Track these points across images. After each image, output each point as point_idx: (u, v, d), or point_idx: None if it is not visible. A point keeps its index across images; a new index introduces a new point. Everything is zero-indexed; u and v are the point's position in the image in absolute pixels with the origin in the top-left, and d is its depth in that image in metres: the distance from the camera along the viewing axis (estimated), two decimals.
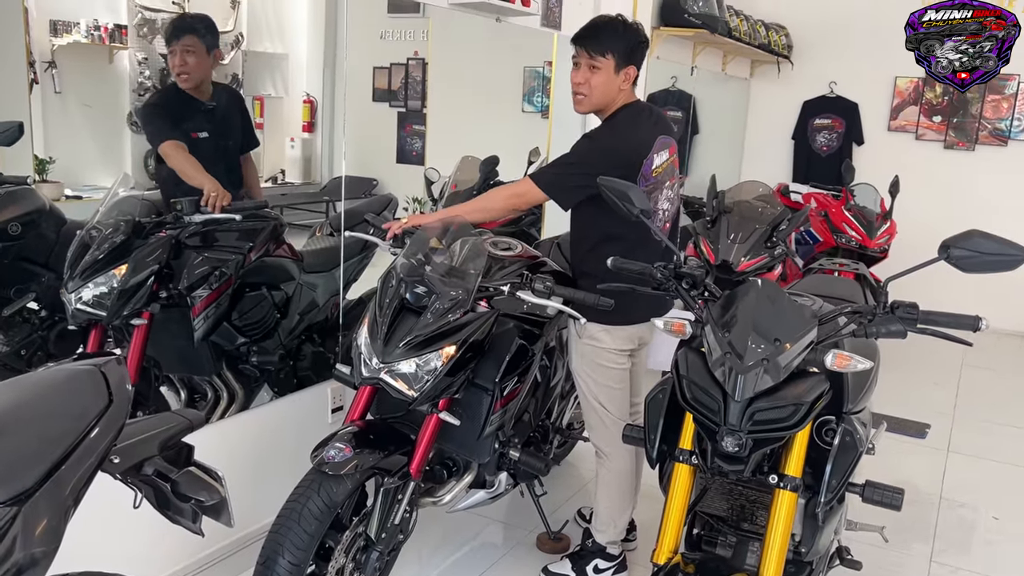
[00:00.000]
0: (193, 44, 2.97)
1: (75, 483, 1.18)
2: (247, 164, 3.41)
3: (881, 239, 5.41)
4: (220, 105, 3.13)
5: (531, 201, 2.77)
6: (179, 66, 2.97)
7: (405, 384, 2.25)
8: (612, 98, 2.70)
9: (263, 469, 2.91)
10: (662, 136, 2.73)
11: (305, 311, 3.29)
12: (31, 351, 2.63)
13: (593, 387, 2.79)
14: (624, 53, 2.64)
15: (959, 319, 1.91)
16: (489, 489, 2.73)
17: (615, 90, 2.68)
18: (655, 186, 2.69)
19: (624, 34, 2.67)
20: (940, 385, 5.35)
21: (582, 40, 2.67)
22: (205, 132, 3.04)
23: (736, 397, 1.79)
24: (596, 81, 2.66)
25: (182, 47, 2.96)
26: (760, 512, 2.19)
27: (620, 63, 2.65)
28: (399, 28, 5.64)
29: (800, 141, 7.27)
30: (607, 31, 2.67)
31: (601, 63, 2.64)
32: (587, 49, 2.65)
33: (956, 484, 3.90)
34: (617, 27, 2.68)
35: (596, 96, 2.69)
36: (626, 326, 2.71)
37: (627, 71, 2.67)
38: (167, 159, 2.89)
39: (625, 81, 2.68)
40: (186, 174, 2.85)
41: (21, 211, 2.58)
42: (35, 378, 1.32)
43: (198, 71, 3.00)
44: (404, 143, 5.81)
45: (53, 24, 3.72)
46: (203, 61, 3.00)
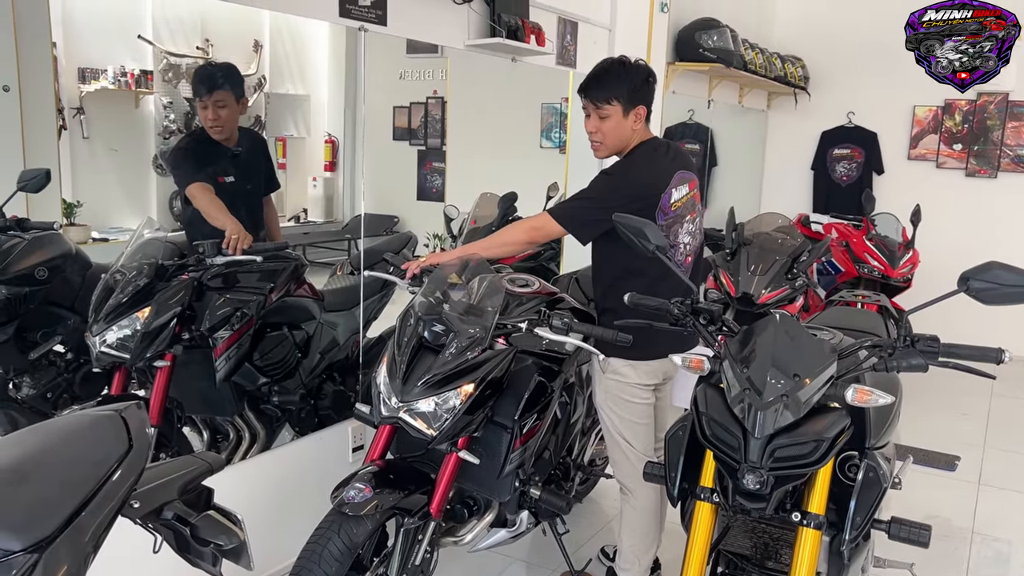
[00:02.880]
0: (224, 98, 3.07)
1: (95, 529, 1.19)
2: (268, 206, 3.47)
3: (904, 268, 5.36)
4: (245, 149, 3.21)
5: (549, 234, 2.77)
6: (212, 120, 3.07)
7: (424, 423, 2.25)
8: (627, 140, 2.72)
9: (284, 510, 2.91)
10: (681, 171, 2.75)
11: (326, 350, 3.31)
12: (57, 394, 2.67)
13: (617, 423, 2.77)
14: (629, 96, 2.65)
15: (981, 352, 1.88)
16: (510, 528, 2.71)
17: (628, 132, 2.71)
18: (674, 220, 2.69)
19: (627, 76, 2.67)
20: (969, 416, 5.26)
21: (587, 91, 2.70)
22: (231, 176, 3.12)
23: (756, 434, 1.77)
24: (607, 128, 2.69)
25: (214, 102, 3.06)
26: (784, 550, 2.16)
27: (627, 106, 2.66)
28: (418, 68, 5.74)
29: (819, 171, 7.25)
30: (609, 77, 2.67)
31: (608, 110, 2.66)
32: (592, 99, 2.68)
33: (989, 518, 3.82)
34: (619, 71, 2.68)
35: (610, 141, 2.72)
36: (650, 361, 2.70)
37: (637, 111, 2.69)
38: (193, 200, 2.96)
39: (636, 121, 2.70)
40: (211, 215, 2.90)
41: (48, 256, 2.63)
42: (57, 424, 1.34)
43: (230, 123, 3.11)
44: (424, 180, 5.88)
45: (81, 71, 3.83)
46: (233, 112, 3.10)
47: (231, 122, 3.11)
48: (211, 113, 3.06)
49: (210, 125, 3.08)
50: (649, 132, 2.79)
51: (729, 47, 5.29)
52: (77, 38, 3.79)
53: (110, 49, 3.96)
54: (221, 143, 3.12)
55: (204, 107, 3.08)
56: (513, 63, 3.84)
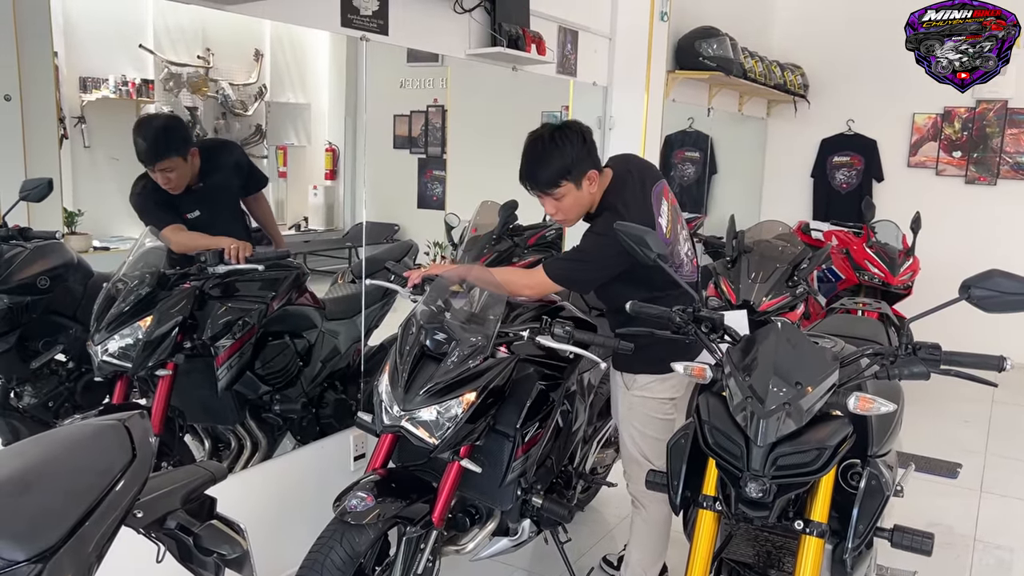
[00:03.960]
0: (171, 164, 2.95)
1: (99, 539, 1.19)
2: (259, 204, 3.41)
3: (904, 276, 5.36)
4: (207, 182, 3.09)
5: (545, 293, 2.69)
6: (164, 183, 2.96)
7: (426, 432, 2.25)
8: (590, 203, 2.65)
9: (286, 519, 2.91)
10: (653, 187, 2.68)
11: (327, 358, 3.31)
12: (58, 403, 2.67)
13: (639, 439, 2.76)
14: (576, 168, 2.55)
15: (983, 359, 1.88)
16: (512, 536, 2.71)
17: (588, 198, 2.63)
18: (672, 243, 2.68)
19: (564, 152, 2.54)
20: (970, 423, 5.26)
21: (532, 181, 2.60)
22: (196, 211, 3.04)
23: (758, 442, 1.77)
24: (567, 206, 2.61)
25: (160, 170, 2.94)
26: (787, 558, 2.16)
27: (577, 178, 2.57)
28: (418, 77, 5.76)
29: (819, 179, 7.26)
30: (548, 161, 2.55)
31: (560, 192, 2.57)
32: (540, 189, 2.60)
33: (991, 525, 3.81)
34: (553, 151, 2.54)
35: (573, 215, 2.67)
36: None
37: (588, 176, 2.59)
38: (171, 244, 2.85)
39: (592, 184, 2.61)
40: (198, 247, 2.85)
41: (49, 265, 2.64)
42: (61, 434, 1.34)
43: (182, 180, 3.00)
44: (424, 189, 5.89)
45: (83, 81, 3.85)
46: (183, 170, 2.99)
47: (183, 179, 3.00)
48: (161, 178, 2.94)
49: (164, 187, 2.96)
50: (606, 176, 2.68)
51: (729, 55, 5.31)
52: (78, 47, 3.81)
53: (111, 58, 3.97)
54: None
55: (153, 172, 2.94)
56: (513, 72, 3.85)
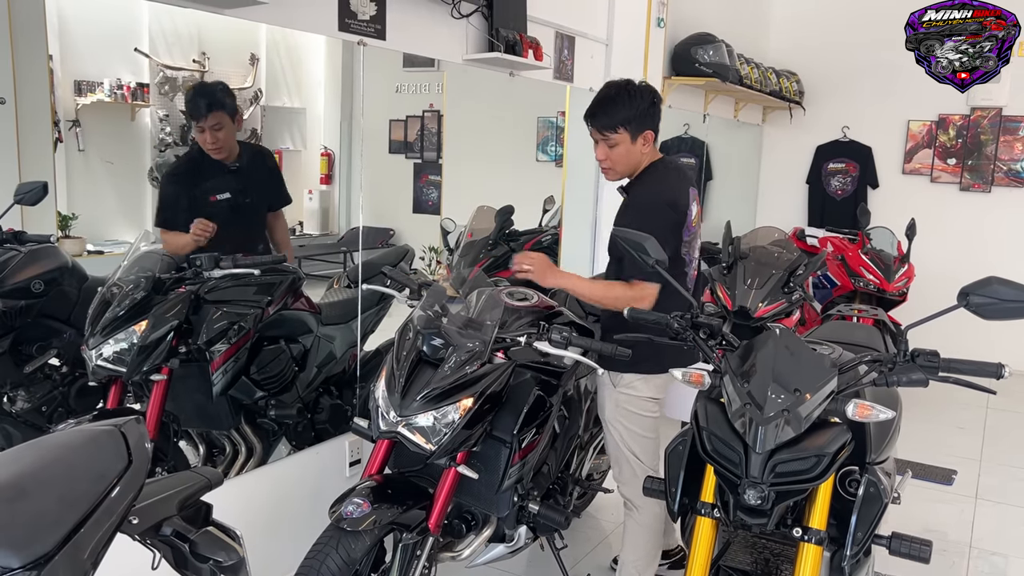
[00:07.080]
0: (220, 119, 3.06)
1: (94, 545, 1.18)
2: (278, 221, 3.47)
3: (899, 282, 5.37)
4: (243, 165, 3.20)
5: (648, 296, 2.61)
6: (211, 143, 3.07)
7: (423, 438, 2.24)
8: (637, 162, 2.75)
9: (281, 525, 2.89)
10: (691, 187, 2.80)
11: (323, 363, 3.30)
12: (52, 407, 2.65)
13: (626, 436, 2.78)
14: (637, 122, 2.66)
15: (981, 367, 1.87)
16: (509, 543, 2.70)
17: (638, 155, 2.73)
18: (693, 236, 2.75)
19: (632, 102, 2.65)
20: (965, 429, 5.26)
21: (593, 119, 2.70)
22: (226, 193, 3.11)
23: (757, 449, 1.76)
24: (617, 155, 2.70)
25: (210, 125, 3.05)
26: (785, 566, 2.15)
27: (635, 132, 2.67)
28: (414, 81, 5.75)
29: (814, 185, 7.28)
30: (615, 105, 2.66)
31: (616, 138, 2.67)
32: (598, 128, 2.69)
33: (986, 532, 3.82)
34: (623, 98, 2.66)
35: (621, 167, 2.74)
36: (661, 374, 2.70)
37: (645, 135, 2.70)
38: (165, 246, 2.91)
39: (645, 145, 2.71)
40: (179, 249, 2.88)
41: (44, 269, 2.62)
42: (56, 440, 1.33)
43: (228, 143, 3.11)
44: (420, 193, 5.88)
45: (77, 84, 3.82)
46: (230, 132, 3.11)
47: (229, 141, 3.11)
48: (209, 136, 3.06)
49: (209, 147, 3.07)
50: (657, 153, 2.81)
51: (725, 62, 5.32)
52: (73, 51, 3.79)
53: (106, 62, 3.95)
54: (218, 160, 3.11)
55: (201, 130, 3.07)
56: (510, 77, 3.85)
